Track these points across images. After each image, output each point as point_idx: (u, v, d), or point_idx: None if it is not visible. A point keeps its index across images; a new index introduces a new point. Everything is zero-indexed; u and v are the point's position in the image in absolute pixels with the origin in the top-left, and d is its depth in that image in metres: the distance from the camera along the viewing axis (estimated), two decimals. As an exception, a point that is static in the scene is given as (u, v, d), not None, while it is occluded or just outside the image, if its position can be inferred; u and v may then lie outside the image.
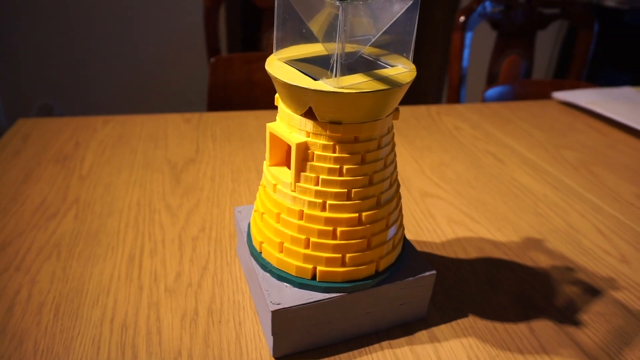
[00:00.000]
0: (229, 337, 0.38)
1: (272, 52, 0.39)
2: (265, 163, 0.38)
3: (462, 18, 1.02)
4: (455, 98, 1.07)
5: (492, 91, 1.04)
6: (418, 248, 0.51)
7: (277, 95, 0.36)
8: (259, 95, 1.19)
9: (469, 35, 1.03)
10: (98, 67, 2.09)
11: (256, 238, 0.39)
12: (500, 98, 1.06)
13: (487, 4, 1.02)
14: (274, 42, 0.35)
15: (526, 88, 1.09)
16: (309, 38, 0.35)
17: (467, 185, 0.65)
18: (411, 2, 0.31)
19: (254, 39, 2.14)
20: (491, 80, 1.13)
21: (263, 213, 0.38)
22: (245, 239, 0.42)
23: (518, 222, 0.58)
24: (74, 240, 0.49)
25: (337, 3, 0.27)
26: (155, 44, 2.07)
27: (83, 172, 0.62)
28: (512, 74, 1.12)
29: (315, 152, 0.33)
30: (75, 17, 1.97)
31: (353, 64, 0.33)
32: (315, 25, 0.34)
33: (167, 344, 0.38)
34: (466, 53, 1.04)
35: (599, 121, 0.91)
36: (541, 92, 1.08)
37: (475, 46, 1.08)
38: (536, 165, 0.72)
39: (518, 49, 1.11)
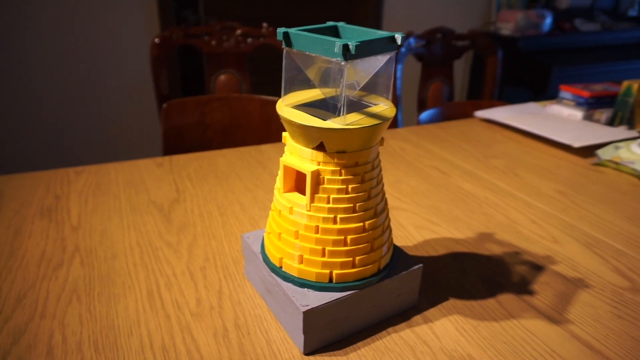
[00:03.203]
0: (261, 345, 0.44)
1: (216, 94, 0.46)
2: (278, 191, 0.45)
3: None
4: (393, 123, 1.20)
5: (425, 114, 1.19)
6: (397, 252, 0.60)
7: (285, 134, 0.44)
8: (213, 135, 1.25)
9: (399, 68, 1.18)
10: (32, 121, 2.01)
11: (275, 255, 0.46)
12: (432, 120, 1.22)
13: (411, 40, 1.18)
14: (282, 90, 0.43)
15: (451, 109, 1.25)
16: (307, 85, 0.44)
17: (423, 196, 0.76)
18: (389, 56, 0.40)
19: (195, 83, 2.19)
20: (421, 105, 1.29)
21: (280, 233, 0.45)
22: (261, 259, 0.48)
23: (470, 221, 0.69)
24: (88, 285, 0.52)
25: (343, 62, 0.36)
26: (93, 94, 2.04)
27: (73, 222, 0.65)
28: (438, 98, 1.28)
29: (326, 177, 0.41)
30: (8, 69, 1.90)
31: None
32: (312, 74, 0.43)
33: (209, 359, 0.43)
34: (398, 83, 1.19)
35: (514, 133, 1.08)
36: (464, 112, 1.25)
37: (405, 77, 1.23)
38: (473, 174, 0.86)
39: (440, 76, 1.28)
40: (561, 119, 1.10)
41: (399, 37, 0.39)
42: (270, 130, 1.23)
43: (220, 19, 2.09)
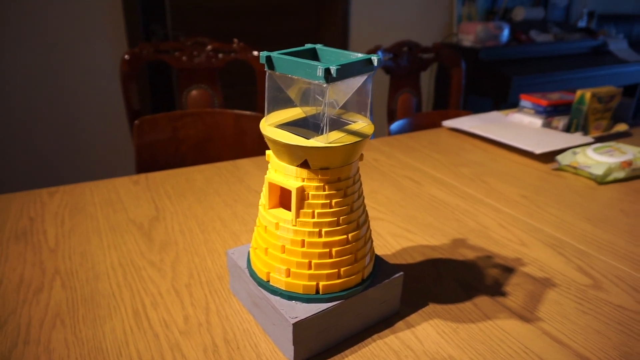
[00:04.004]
0: (251, 358, 0.45)
1: (189, 109, 0.48)
2: (263, 207, 0.47)
3: (361, 67, 1.20)
4: (365, 134, 1.24)
5: (395, 125, 1.23)
6: (376, 261, 0.62)
7: (268, 152, 0.45)
8: (186, 151, 1.25)
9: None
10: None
11: (262, 270, 0.47)
12: (402, 130, 1.26)
13: (379, 53, 1.22)
14: (265, 110, 0.44)
15: (420, 120, 1.30)
16: (289, 104, 0.46)
17: (398, 206, 0.79)
18: (367, 76, 0.43)
19: (164, 98, 2.17)
20: (391, 116, 1.33)
21: (267, 248, 0.46)
22: (247, 274, 0.49)
23: (443, 228, 0.72)
24: (72, 308, 0.52)
25: (325, 85, 0.38)
26: (61, 112, 1.99)
27: (50, 244, 0.64)
28: (407, 108, 1.33)
29: (310, 193, 0.43)
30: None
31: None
32: (293, 94, 0.45)
33: (200, 375, 0.43)
34: (369, 96, 1.22)
35: (481, 141, 1.14)
36: (432, 122, 1.30)
37: (374, 89, 1.26)
38: (444, 182, 0.89)
39: (408, 88, 1.33)
40: (522, 126, 1.16)
41: (375, 59, 0.42)
42: (244, 144, 1.24)
43: (188, 33, 2.09)
